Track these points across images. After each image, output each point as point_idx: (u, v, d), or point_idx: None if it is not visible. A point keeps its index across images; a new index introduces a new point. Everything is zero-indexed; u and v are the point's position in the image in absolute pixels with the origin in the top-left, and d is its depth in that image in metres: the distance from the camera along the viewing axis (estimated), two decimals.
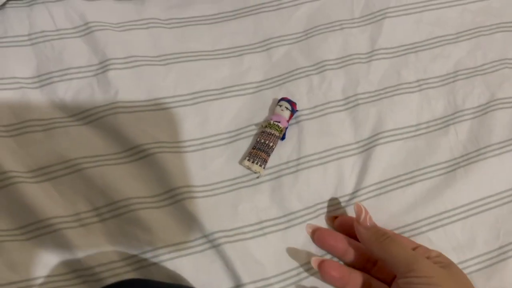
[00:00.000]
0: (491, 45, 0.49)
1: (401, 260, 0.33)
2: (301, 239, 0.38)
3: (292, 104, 0.41)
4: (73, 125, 0.39)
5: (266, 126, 0.40)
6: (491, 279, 0.39)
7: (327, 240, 0.38)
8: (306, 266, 0.38)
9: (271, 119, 0.41)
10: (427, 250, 0.35)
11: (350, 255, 0.37)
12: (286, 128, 0.41)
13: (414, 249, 0.35)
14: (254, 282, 0.36)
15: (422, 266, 0.32)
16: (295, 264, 0.38)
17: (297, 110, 0.42)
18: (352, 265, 0.37)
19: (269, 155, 0.40)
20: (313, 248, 0.38)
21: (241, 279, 0.36)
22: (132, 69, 0.41)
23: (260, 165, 0.39)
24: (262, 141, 0.39)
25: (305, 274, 0.37)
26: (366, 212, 0.36)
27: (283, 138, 0.41)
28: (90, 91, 0.40)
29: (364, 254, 0.37)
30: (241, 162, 0.40)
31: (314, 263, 0.35)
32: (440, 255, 0.35)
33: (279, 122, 0.40)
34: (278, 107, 0.41)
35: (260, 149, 0.39)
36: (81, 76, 0.40)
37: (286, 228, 0.38)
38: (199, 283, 0.35)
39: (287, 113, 0.41)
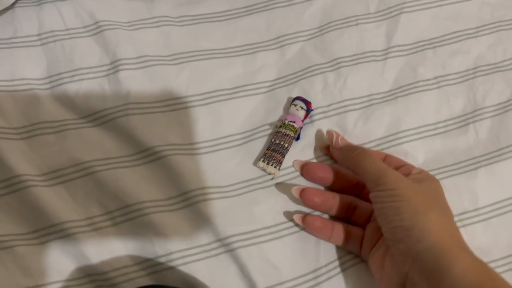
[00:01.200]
0: (511, 40, 0.47)
1: (371, 172, 0.34)
2: (318, 241, 0.38)
3: (307, 103, 0.40)
4: (85, 126, 0.38)
5: (280, 126, 0.39)
6: None
7: (316, 173, 0.38)
8: (324, 269, 0.37)
9: (286, 119, 0.39)
10: (410, 167, 0.36)
11: (339, 183, 0.38)
12: (301, 128, 0.40)
13: (399, 168, 0.36)
14: (270, 287, 0.35)
15: (390, 179, 0.32)
16: (311, 267, 0.37)
17: (312, 110, 0.41)
18: (342, 192, 0.38)
19: (283, 156, 0.39)
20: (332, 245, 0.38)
21: (256, 285, 0.35)
22: (143, 69, 0.40)
23: (275, 167, 0.38)
24: (277, 142, 0.39)
25: (323, 278, 0.37)
26: (337, 135, 0.38)
27: (297, 138, 0.40)
28: (101, 92, 0.39)
29: (352, 180, 0.38)
30: (255, 163, 0.39)
31: (295, 192, 0.37)
32: (421, 172, 0.35)
33: (294, 122, 0.39)
34: (293, 106, 0.40)
35: (274, 150, 0.38)
36: (91, 76, 0.40)
37: (303, 229, 0.38)
38: (216, 286, 0.34)
39: (302, 113, 0.40)
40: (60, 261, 0.34)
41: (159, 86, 0.40)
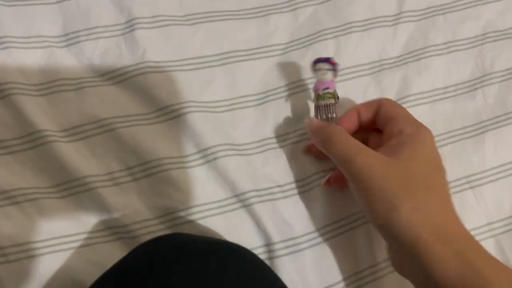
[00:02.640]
0: None
1: (339, 155, 0.32)
2: (326, 199, 0.39)
3: (330, 62, 0.37)
4: (103, 84, 0.38)
5: (318, 99, 0.36)
6: None
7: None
8: (333, 225, 0.38)
9: (319, 89, 0.36)
10: (401, 123, 0.33)
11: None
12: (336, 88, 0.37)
13: (388, 123, 0.34)
14: (284, 241, 0.37)
15: (357, 164, 0.30)
16: (322, 223, 0.38)
17: (337, 64, 0.37)
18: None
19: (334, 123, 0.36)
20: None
21: (271, 238, 0.36)
22: (159, 29, 0.41)
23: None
24: (324, 116, 0.36)
25: (332, 234, 0.38)
26: (310, 123, 0.35)
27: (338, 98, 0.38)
28: (117, 50, 0.39)
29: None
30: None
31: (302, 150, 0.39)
32: (412, 129, 0.32)
33: (328, 88, 0.36)
34: (318, 72, 0.37)
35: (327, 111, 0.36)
36: (108, 35, 0.40)
37: (312, 188, 0.39)
38: (231, 240, 0.36)
39: (330, 74, 0.37)
40: (82, 214, 0.35)
41: (174, 46, 0.40)
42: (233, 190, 0.37)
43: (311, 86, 0.42)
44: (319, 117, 0.36)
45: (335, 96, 0.36)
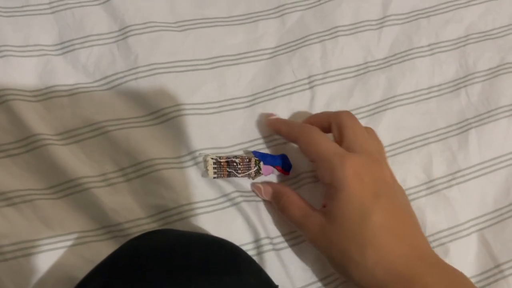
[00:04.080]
0: (500, 9, 0.50)
1: (296, 224, 0.35)
2: (314, 195, 0.40)
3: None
4: (97, 90, 0.40)
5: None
6: (502, 235, 0.41)
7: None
8: None
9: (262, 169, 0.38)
10: (337, 130, 0.36)
11: None
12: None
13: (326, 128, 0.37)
14: (273, 237, 0.38)
15: (306, 231, 0.33)
16: None
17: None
18: None
19: (229, 176, 0.38)
20: None
21: (260, 234, 0.37)
22: (150, 34, 0.42)
23: (214, 174, 0.38)
24: (238, 165, 0.38)
25: None
26: (259, 188, 0.38)
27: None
28: (111, 57, 0.41)
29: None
30: (206, 158, 0.38)
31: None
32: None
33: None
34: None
35: (229, 166, 0.38)
36: (102, 42, 0.41)
37: (301, 186, 0.40)
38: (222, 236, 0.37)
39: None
40: (77, 214, 0.36)
41: (166, 51, 0.42)
42: (221, 190, 0.38)
43: (298, 89, 0.43)
44: (235, 160, 0.38)
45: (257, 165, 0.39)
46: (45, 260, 0.34)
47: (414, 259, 0.30)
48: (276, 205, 0.37)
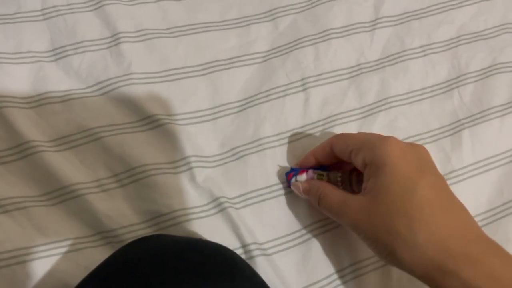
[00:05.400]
0: (492, 10, 0.50)
1: (333, 213, 0.34)
2: (300, 203, 0.40)
3: (302, 173, 0.39)
4: (90, 96, 0.40)
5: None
6: (496, 234, 0.41)
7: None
8: (315, 225, 0.39)
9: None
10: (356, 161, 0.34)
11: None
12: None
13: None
14: (267, 242, 0.38)
15: (345, 215, 0.32)
16: (304, 224, 0.39)
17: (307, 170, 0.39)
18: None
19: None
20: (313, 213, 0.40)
21: (254, 239, 0.37)
22: (143, 42, 0.42)
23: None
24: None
25: (314, 233, 0.39)
26: (298, 187, 0.38)
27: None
28: (103, 63, 0.41)
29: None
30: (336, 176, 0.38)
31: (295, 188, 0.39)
32: (373, 161, 0.32)
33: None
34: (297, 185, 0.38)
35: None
36: (94, 49, 0.41)
37: (288, 192, 0.40)
38: (215, 241, 0.37)
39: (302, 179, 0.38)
40: (71, 220, 0.36)
41: (159, 58, 0.42)
42: (211, 195, 0.38)
43: (292, 91, 0.44)
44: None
45: (323, 174, 0.38)
46: (40, 267, 0.34)
47: (471, 237, 0.28)
48: (313, 199, 0.36)
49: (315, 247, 0.38)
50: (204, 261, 0.28)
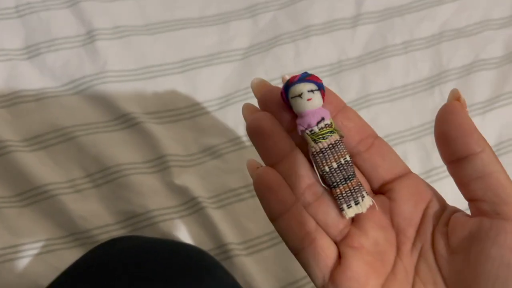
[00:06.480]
0: (474, 6, 0.49)
1: None
2: None
3: (313, 78, 0.19)
4: (64, 94, 0.39)
5: (315, 140, 0.20)
6: None
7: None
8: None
9: (310, 126, 0.19)
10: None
11: None
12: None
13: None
14: (243, 242, 0.37)
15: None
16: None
17: (322, 82, 0.20)
18: None
19: (354, 175, 0.19)
20: None
21: (230, 239, 0.37)
22: (120, 40, 0.42)
23: (362, 199, 0.19)
24: (335, 165, 0.19)
25: (278, 240, 0.39)
26: None
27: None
28: (78, 61, 0.40)
29: None
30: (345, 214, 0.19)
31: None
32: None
33: (323, 119, 0.20)
34: (298, 100, 0.19)
35: (338, 182, 0.20)
36: (69, 46, 0.41)
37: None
38: (191, 243, 0.36)
39: (317, 98, 0.19)
40: (44, 221, 0.36)
41: (135, 56, 0.41)
42: (188, 195, 0.38)
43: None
44: (326, 168, 0.19)
45: (334, 127, 0.20)
46: (12, 269, 0.34)
47: None
48: None
49: None
50: (172, 262, 0.28)
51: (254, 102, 0.43)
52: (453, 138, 0.16)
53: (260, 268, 0.37)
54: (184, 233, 0.37)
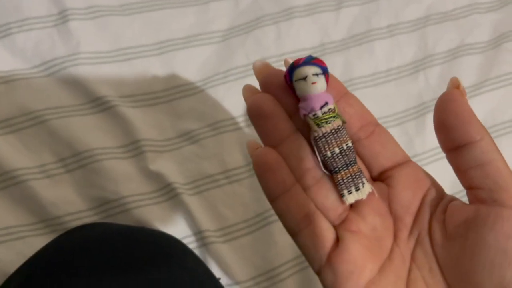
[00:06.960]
0: None
1: None
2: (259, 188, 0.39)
3: (317, 62, 0.19)
4: (35, 76, 0.38)
5: (318, 125, 0.19)
6: None
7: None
8: (269, 212, 0.38)
9: (313, 110, 0.19)
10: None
11: None
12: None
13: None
14: (218, 230, 0.37)
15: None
16: (257, 211, 0.38)
17: (326, 66, 0.20)
18: None
19: (355, 161, 0.19)
20: None
21: (205, 226, 0.36)
22: (93, 20, 0.40)
23: (363, 185, 0.19)
24: (337, 150, 0.19)
25: (268, 220, 0.38)
26: None
27: None
28: (50, 42, 0.39)
29: None
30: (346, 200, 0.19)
31: None
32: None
33: (327, 103, 0.19)
34: (301, 82, 0.19)
35: (339, 167, 0.19)
36: (40, 26, 0.39)
37: (245, 178, 0.39)
38: (166, 230, 0.36)
39: (323, 81, 0.19)
40: (14, 207, 0.35)
41: (110, 37, 0.40)
42: (163, 181, 0.37)
43: (251, 72, 0.42)
44: (327, 153, 0.19)
45: (337, 112, 0.20)
46: None
47: None
48: None
49: (270, 234, 0.37)
50: (139, 250, 0.27)
51: (234, 85, 0.42)
52: (452, 126, 0.16)
53: (237, 256, 0.36)
54: (158, 220, 0.36)
